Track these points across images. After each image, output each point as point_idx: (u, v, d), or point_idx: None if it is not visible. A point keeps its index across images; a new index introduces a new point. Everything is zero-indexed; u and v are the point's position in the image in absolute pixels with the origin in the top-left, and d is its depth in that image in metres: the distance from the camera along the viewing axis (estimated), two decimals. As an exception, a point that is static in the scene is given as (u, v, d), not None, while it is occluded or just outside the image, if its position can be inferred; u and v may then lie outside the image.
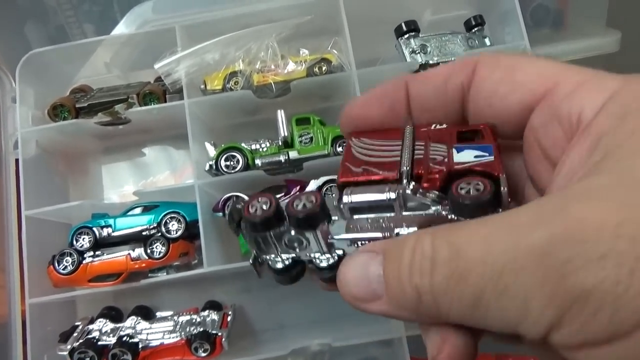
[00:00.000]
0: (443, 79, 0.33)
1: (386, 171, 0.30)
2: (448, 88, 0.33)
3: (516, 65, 0.31)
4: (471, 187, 0.27)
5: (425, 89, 0.34)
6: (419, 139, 0.33)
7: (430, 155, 0.31)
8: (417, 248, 0.24)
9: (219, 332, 0.76)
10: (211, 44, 0.81)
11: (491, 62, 0.32)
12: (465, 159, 0.30)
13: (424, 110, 0.34)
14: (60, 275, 0.78)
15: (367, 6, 0.84)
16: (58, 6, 1.09)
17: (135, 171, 0.94)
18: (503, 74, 0.31)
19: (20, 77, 0.83)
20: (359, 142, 0.34)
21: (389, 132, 0.34)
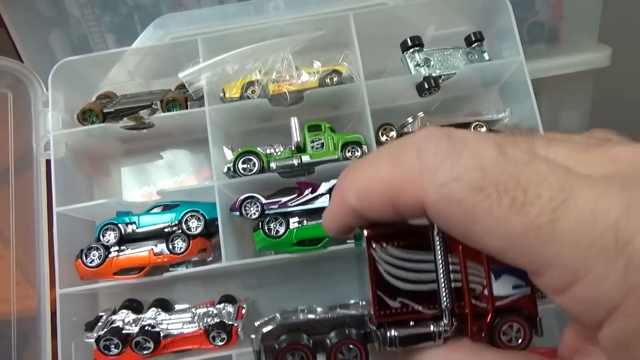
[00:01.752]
0: (393, 212, 0.28)
1: (425, 307, 0.29)
2: (403, 214, 0.28)
3: (475, 232, 0.25)
4: (513, 335, 0.29)
5: (382, 219, 0.29)
6: (451, 249, 0.30)
7: (470, 284, 0.29)
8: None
9: (234, 322, 0.81)
10: (231, 56, 0.87)
11: (442, 216, 0.26)
12: (505, 290, 0.30)
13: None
14: (87, 268, 0.83)
15: (375, 22, 0.90)
16: (82, 17, 1.15)
17: (155, 173, 1.00)
18: (465, 237, 0.26)
19: (52, 83, 0.89)
20: (384, 254, 0.29)
21: (414, 233, 0.30)
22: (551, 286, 0.24)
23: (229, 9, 0.98)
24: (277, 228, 0.82)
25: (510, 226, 0.23)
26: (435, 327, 0.29)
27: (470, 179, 0.24)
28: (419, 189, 0.25)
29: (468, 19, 0.96)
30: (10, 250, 0.87)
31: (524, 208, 0.23)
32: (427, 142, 0.26)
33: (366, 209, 0.28)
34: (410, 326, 0.29)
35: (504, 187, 0.23)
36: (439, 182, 0.24)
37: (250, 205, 0.83)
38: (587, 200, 0.22)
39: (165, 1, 1.12)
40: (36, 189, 0.88)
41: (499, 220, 0.23)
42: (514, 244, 0.23)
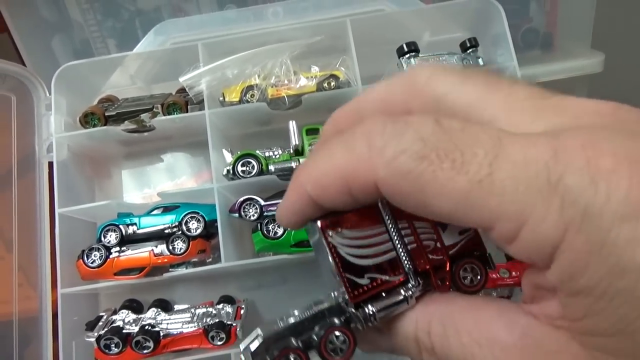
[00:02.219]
0: (349, 197, 0.29)
1: (391, 275, 0.31)
2: (360, 200, 0.29)
3: (426, 199, 0.27)
4: (470, 275, 0.32)
5: (338, 206, 0.30)
6: (398, 216, 0.31)
7: (423, 242, 0.32)
8: (421, 346, 0.30)
9: (233, 323, 0.83)
10: (230, 60, 0.89)
11: (394, 191, 0.27)
12: (453, 239, 0.32)
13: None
14: (88, 269, 0.84)
15: (372, 28, 0.92)
16: (84, 22, 1.17)
17: (156, 175, 1.01)
18: (417, 206, 0.27)
19: (55, 87, 0.91)
20: (340, 238, 0.31)
21: (362, 212, 0.31)
22: (502, 237, 0.25)
23: (229, 15, 1.00)
24: (275, 229, 0.84)
25: (455, 185, 0.25)
26: (405, 290, 0.31)
27: (414, 151, 0.26)
28: (370, 169, 0.27)
29: (463, 26, 0.98)
30: (12, 252, 0.88)
31: (464, 167, 0.25)
32: (374, 127, 0.28)
33: (323, 196, 0.30)
34: (383, 297, 0.31)
35: (444, 152, 0.25)
36: (387, 159, 0.26)
37: (249, 207, 0.84)
38: (518, 151, 0.24)
39: (166, 7, 1.14)
40: (38, 191, 0.89)
41: (444, 182, 0.25)
42: (461, 202, 0.25)
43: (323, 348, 0.31)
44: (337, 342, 0.31)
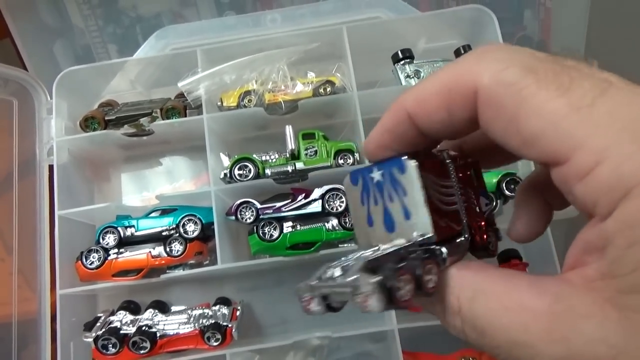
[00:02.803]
0: (445, 113, 0.31)
1: (456, 225, 0.34)
2: (455, 122, 0.31)
3: (518, 114, 0.27)
4: (493, 242, 0.36)
5: (432, 124, 0.32)
6: (457, 177, 0.35)
7: (472, 204, 0.35)
8: (447, 308, 0.31)
9: (229, 324, 0.84)
10: (228, 66, 0.90)
11: (491, 103, 0.28)
12: (484, 207, 0.36)
13: (441, 136, 0.34)
14: (87, 270, 0.86)
15: (368, 35, 0.94)
16: (85, 28, 1.19)
17: (154, 178, 1.03)
18: (508, 123, 0.28)
19: (56, 91, 0.93)
20: (428, 181, 0.32)
21: (435, 163, 0.34)
22: (576, 171, 0.26)
23: (228, 21, 1.02)
24: (271, 232, 0.85)
25: (553, 106, 0.26)
26: (463, 240, 0.33)
27: (526, 64, 0.27)
28: (475, 76, 0.28)
29: (457, 33, 0.99)
30: (12, 254, 0.90)
31: (568, 92, 0.26)
32: (487, 47, 0.30)
33: (421, 112, 0.32)
34: (452, 243, 0.32)
35: (553, 74, 0.27)
36: (496, 68, 0.28)
37: (245, 210, 0.85)
38: (623, 96, 0.25)
39: (167, 13, 1.16)
40: (39, 193, 0.91)
41: (544, 101, 0.26)
42: (551, 126, 0.26)
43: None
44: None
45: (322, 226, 0.84)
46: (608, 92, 0.26)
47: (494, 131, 0.29)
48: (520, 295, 0.28)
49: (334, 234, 0.83)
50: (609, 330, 0.25)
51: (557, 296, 0.27)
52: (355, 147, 0.88)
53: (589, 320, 0.26)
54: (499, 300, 0.29)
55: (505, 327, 0.28)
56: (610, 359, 0.25)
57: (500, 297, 0.29)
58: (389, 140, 0.34)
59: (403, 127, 0.33)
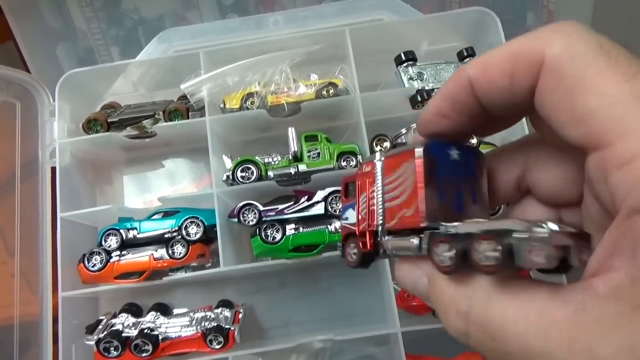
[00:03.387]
0: (508, 79, 0.30)
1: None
2: (515, 90, 0.30)
3: (579, 87, 0.27)
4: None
5: (491, 91, 0.32)
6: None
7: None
8: (452, 304, 0.31)
9: (231, 326, 0.83)
10: (231, 68, 0.90)
11: (556, 72, 0.28)
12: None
13: (495, 108, 0.33)
14: (89, 272, 0.85)
15: (371, 37, 0.94)
16: (88, 30, 1.19)
17: (156, 180, 1.03)
18: (563, 95, 0.28)
19: (59, 94, 0.93)
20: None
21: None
22: (616, 157, 0.25)
23: (231, 23, 1.02)
24: (274, 234, 0.85)
25: (616, 89, 0.25)
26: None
27: (600, 42, 0.27)
28: (546, 45, 0.28)
29: (460, 35, 0.99)
30: (14, 256, 0.89)
31: (633, 78, 0.26)
32: (565, 22, 0.29)
33: (483, 76, 0.31)
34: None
35: (625, 59, 0.26)
36: (570, 40, 0.27)
37: (248, 212, 0.85)
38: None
39: (169, 15, 1.16)
40: (41, 195, 0.91)
41: (608, 82, 0.26)
42: (607, 107, 0.26)
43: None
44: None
45: (324, 228, 0.84)
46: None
47: (546, 102, 0.29)
48: (541, 303, 0.27)
49: (336, 236, 0.83)
50: (638, 342, 0.24)
51: (581, 304, 0.26)
52: (358, 149, 0.88)
53: (617, 330, 0.24)
54: (516, 306, 0.28)
55: (521, 334, 0.27)
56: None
57: (518, 303, 0.28)
58: (448, 108, 0.34)
59: (463, 94, 0.33)
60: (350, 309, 0.94)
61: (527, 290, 0.29)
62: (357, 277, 0.94)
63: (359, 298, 0.95)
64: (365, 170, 0.40)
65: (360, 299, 0.94)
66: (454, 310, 0.31)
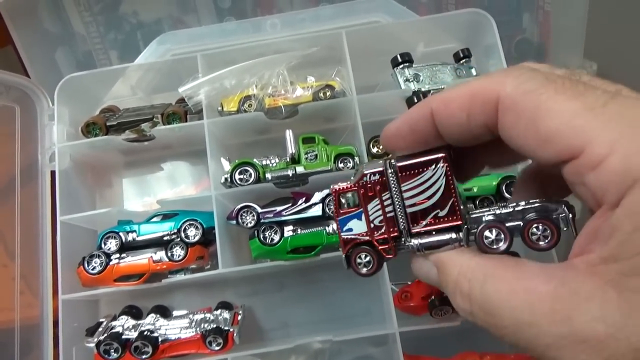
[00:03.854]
0: (465, 113, 0.34)
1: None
2: (472, 127, 0.35)
3: (538, 115, 0.30)
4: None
5: (449, 125, 0.36)
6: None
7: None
8: (457, 287, 0.36)
9: (230, 328, 0.84)
10: (229, 71, 0.91)
11: (514, 107, 0.32)
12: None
13: (451, 138, 0.37)
14: (89, 275, 0.86)
15: (367, 40, 0.94)
16: (87, 34, 1.19)
17: (155, 183, 1.03)
18: (526, 125, 0.31)
19: (58, 98, 0.93)
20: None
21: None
22: (587, 162, 0.29)
23: (228, 27, 1.03)
24: (272, 236, 0.85)
25: (569, 106, 0.29)
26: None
27: (546, 75, 0.31)
28: (498, 86, 0.32)
29: (456, 37, 1.00)
30: (15, 260, 0.90)
31: (582, 96, 0.29)
32: (513, 66, 0.34)
33: (443, 109, 0.35)
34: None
35: (570, 83, 0.30)
36: (519, 80, 0.32)
37: (246, 215, 0.86)
38: (632, 100, 0.29)
39: (167, 19, 1.17)
40: (41, 199, 0.91)
41: (561, 103, 0.29)
42: (567, 123, 0.29)
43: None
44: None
45: (322, 230, 0.84)
46: (618, 97, 0.29)
47: (512, 135, 0.32)
48: (529, 280, 0.31)
49: (334, 237, 0.83)
50: (608, 310, 0.27)
51: (561, 280, 0.30)
52: (355, 151, 0.89)
53: (590, 301, 0.28)
54: (508, 284, 0.32)
55: (513, 308, 0.31)
56: (608, 336, 0.27)
57: (510, 282, 0.32)
58: (407, 132, 0.38)
59: (423, 122, 0.37)
60: (349, 310, 0.94)
61: (518, 269, 0.33)
62: (356, 279, 0.94)
63: (357, 299, 0.95)
64: (372, 179, 0.42)
65: (358, 300, 0.95)
66: (458, 293, 0.35)
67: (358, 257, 0.44)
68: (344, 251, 0.44)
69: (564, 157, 0.30)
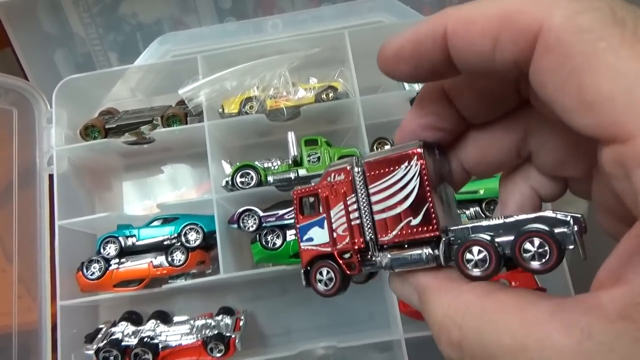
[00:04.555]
0: (490, 44, 0.25)
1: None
2: (496, 61, 0.25)
3: (588, 67, 0.22)
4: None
5: (467, 53, 0.26)
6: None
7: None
8: (443, 329, 0.28)
9: (232, 334, 0.82)
10: (229, 73, 0.90)
11: (559, 48, 0.23)
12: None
13: (467, 70, 0.28)
14: (88, 281, 0.85)
15: (370, 40, 0.91)
16: (86, 36, 1.18)
17: (156, 187, 1.02)
18: (567, 78, 0.23)
19: (56, 100, 0.92)
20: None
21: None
22: (637, 151, 0.21)
23: (229, 27, 1.01)
24: (274, 240, 0.84)
25: (634, 67, 0.21)
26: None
27: (613, 9, 0.22)
28: (543, 12, 0.23)
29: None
30: (12, 264, 0.88)
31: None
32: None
33: (462, 31, 0.26)
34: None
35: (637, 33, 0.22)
36: (573, 8, 0.22)
37: (248, 218, 0.84)
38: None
39: (167, 20, 1.15)
40: (39, 203, 0.90)
41: (626, 60, 0.21)
42: (629, 91, 0.21)
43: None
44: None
45: (325, 234, 0.83)
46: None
47: (547, 83, 0.24)
48: (541, 329, 0.23)
49: (338, 241, 0.82)
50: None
51: (587, 331, 0.22)
52: (358, 153, 0.87)
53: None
54: (512, 335, 0.24)
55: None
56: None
57: (515, 331, 0.24)
58: (410, 53, 0.29)
59: (433, 45, 0.27)
60: (353, 315, 0.93)
61: (524, 311, 0.25)
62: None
63: (361, 304, 0.93)
64: (336, 180, 0.35)
65: (362, 305, 0.93)
66: (445, 340, 0.27)
67: (318, 272, 0.37)
68: (302, 265, 0.37)
69: (607, 135, 0.22)
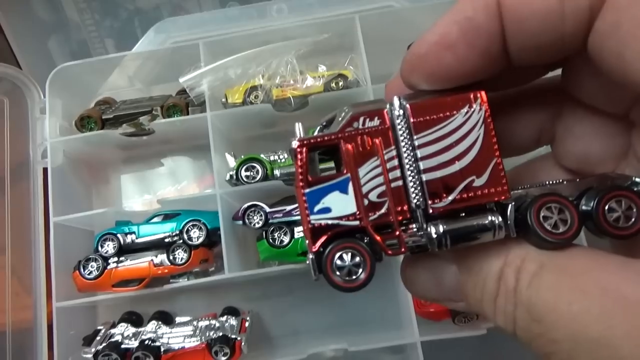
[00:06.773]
0: (559, 5, 0.22)
1: None
2: (566, 12, 0.22)
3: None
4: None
5: (531, 26, 0.23)
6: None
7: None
8: (502, 286, 0.24)
9: (238, 336, 0.79)
10: (233, 60, 0.85)
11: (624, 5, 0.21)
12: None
13: (524, 50, 0.24)
14: (85, 280, 0.81)
15: (382, 25, 0.88)
16: (81, 22, 1.14)
17: (156, 180, 0.98)
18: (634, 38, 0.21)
19: (50, 89, 0.87)
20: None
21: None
22: None
23: (231, 12, 0.97)
24: (281, 237, 0.80)
25: None
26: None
27: None
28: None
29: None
30: (5, 263, 0.85)
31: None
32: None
33: (521, 10, 0.22)
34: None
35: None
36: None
37: (253, 214, 0.80)
38: None
39: (166, 5, 1.11)
40: (33, 199, 0.86)
41: None
42: None
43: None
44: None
45: (336, 230, 0.79)
46: None
47: (611, 41, 0.21)
48: (608, 277, 0.21)
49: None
50: None
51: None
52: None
53: None
54: (571, 279, 0.21)
55: (576, 315, 0.20)
56: None
57: (575, 276, 0.21)
58: (456, 37, 0.24)
59: (485, 16, 0.23)
60: (363, 315, 0.89)
61: (590, 259, 0.22)
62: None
63: (371, 303, 0.90)
64: (367, 126, 0.27)
65: (372, 304, 0.90)
66: (503, 292, 0.24)
67: (339, 257, 0.27)
68: (313, 246, 0.27)
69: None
